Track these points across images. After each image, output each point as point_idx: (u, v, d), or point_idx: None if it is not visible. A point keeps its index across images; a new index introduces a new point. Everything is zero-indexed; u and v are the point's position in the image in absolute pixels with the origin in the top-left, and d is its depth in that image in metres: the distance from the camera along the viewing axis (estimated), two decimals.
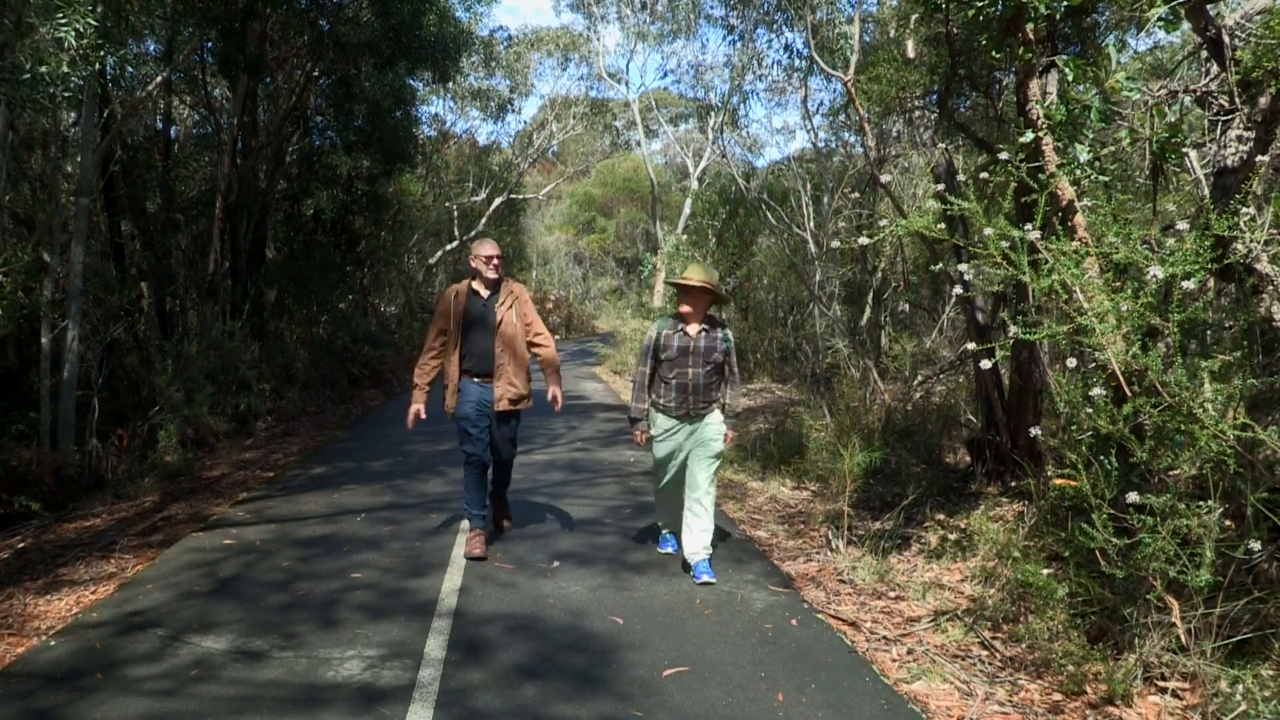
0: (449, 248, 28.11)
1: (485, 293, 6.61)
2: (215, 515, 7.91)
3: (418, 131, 21.15)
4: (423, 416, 6.58)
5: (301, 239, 17.95)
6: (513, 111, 29.96)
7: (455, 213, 29.03)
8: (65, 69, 6.90)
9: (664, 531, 6.79)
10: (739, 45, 23.02)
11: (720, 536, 7.20)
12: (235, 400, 12.39)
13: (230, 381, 12.59)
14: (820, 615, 5.49)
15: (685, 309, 6.02)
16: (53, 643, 5.01)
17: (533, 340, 6.70)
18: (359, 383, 17.66)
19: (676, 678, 4.56)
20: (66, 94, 7.40)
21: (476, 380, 6.54)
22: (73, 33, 6.76)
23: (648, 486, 9.16)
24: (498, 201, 30.38)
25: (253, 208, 15.44)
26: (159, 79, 12.88)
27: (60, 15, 6.73)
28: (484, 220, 29.50)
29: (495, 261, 6.56)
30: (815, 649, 4.96)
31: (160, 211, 14.80)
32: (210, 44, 13.80)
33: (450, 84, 21.82)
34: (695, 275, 5.96)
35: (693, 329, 6.02)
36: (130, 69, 12.56)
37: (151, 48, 14.88)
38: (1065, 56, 5.54)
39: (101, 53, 7.38)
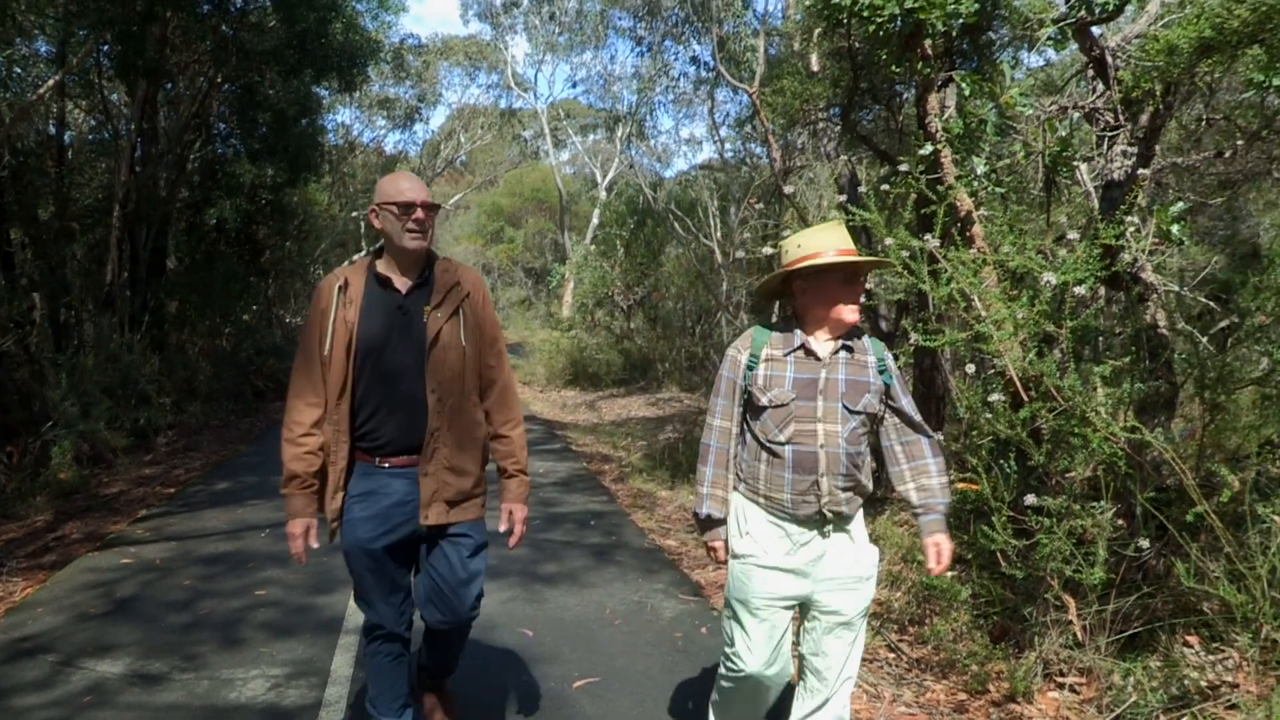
0: (355, 258, 27.70)
1: (403, 284, 3.37)
2: (112, 534, 7.65)
3: (324, 140, 20.88)
4: (314, 544, 3.38)
5: (204, 249, 17.55)
6: (421, 121, 29.87)
7: (362, 223, 28.63)
8: None
9: None
10: (647, 57, 23.15)
11: (629, 546, 7.22)
12: (134, 414, 12.01)
13: (129, 395, 12.20)
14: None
15: (818, 310, 3.13)
16: None
17: (490, 382, 3.53)
18: (264, 395, 17.33)
19: (587, 689, 4.55)
20: None
21: (385, 466, 3.36)
22: None
23: (557, 497, 9.12)
24: None
25: (152, 216, 15.04)
26: (51, 82, 12.45)
27: None
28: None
29: (422, 215, 3.27)
30: None
31: (54, 220, 14.29)
32: (107, 47, 13.40)
33: (357, 93, 21.57)
34: (836, 240, 3.12)
35: (823, 346, 3.14)
36: (19, 70, 12.14)
37: (43, 48, 14.40)
38: (962, 72, 5.71)
39: None
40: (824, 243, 3.09)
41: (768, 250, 5.56)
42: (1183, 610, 4.26)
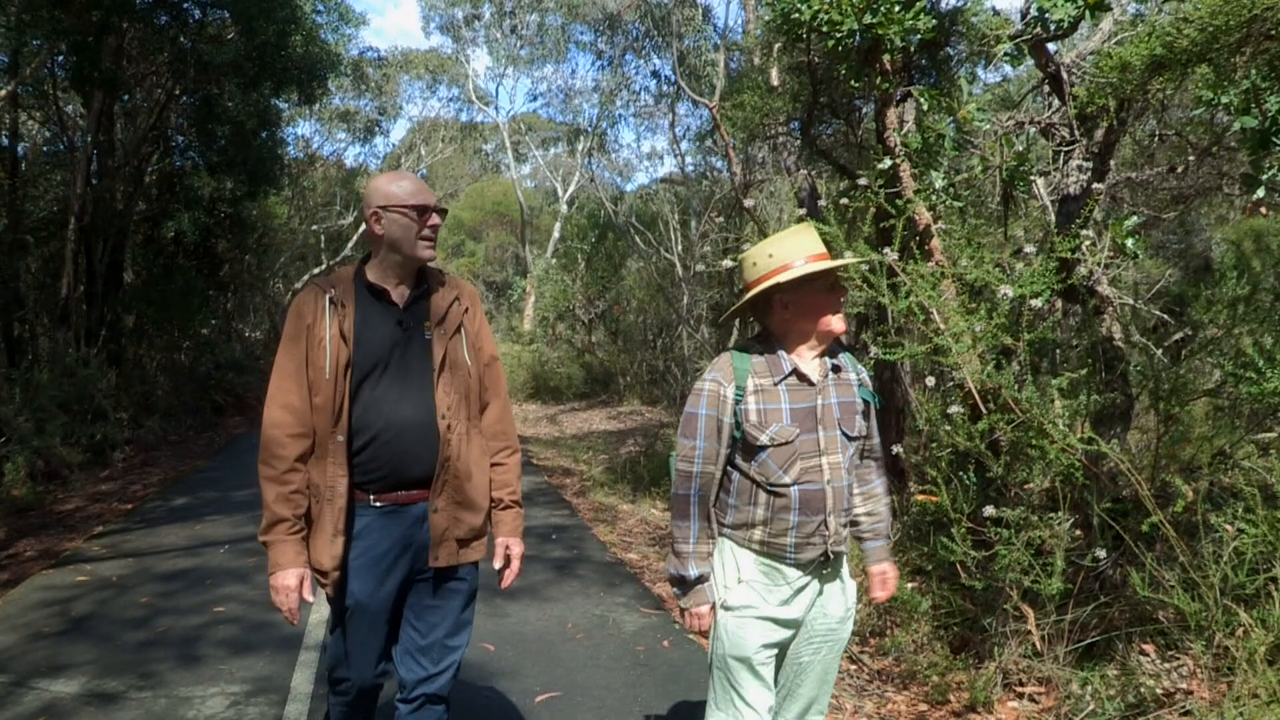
0: (316, 272, 27.55)
1: (400, 296, 2.98)
2: (68, 551, 7.52)
3: (283, 153, 20.76)
4: (309, 598, 2.85)
5: (162, 262, 17.37)
6: (381, 134, 29.67)
7: (322, 236, 28.49)
8: None
9: None
10: (608, 71, 23.24)
11: (591, 559, 7.20)
12: (90, 430, 11.83)
13: (85, 410, 12.03)
14: (692, 636, 5.52)
15: (804, 323, 2.81)
16: None
17: (487, 405, 3.15)
18: (223, 410, 17.18)
19: (549, 704, 4.53)
20: None
21: (378, 504, 2.92)
22: None
23: None
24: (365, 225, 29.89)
25: (109, 229, 14.84)
26: (3, 92, 12.29)
27: None
28: (351, 244, 29.01)
29: (437, 221, 2.94)
30: (688, 670, 4.99)
31: (7, 232, 14.07)
32: (61, 57, 13.25)
33: (317, 105, 21.46)
34: (810, 245, 2.80)
35: (813, 365, 2.83)
36: None
37: None
38: (921, 87, 5.77)
39: None
40: (798, 248, 2.77)
41: (727, 263, 5.58)
42: (1139, 619, 4.30)
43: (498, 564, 3.21)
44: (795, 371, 2.77)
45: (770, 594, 2.80)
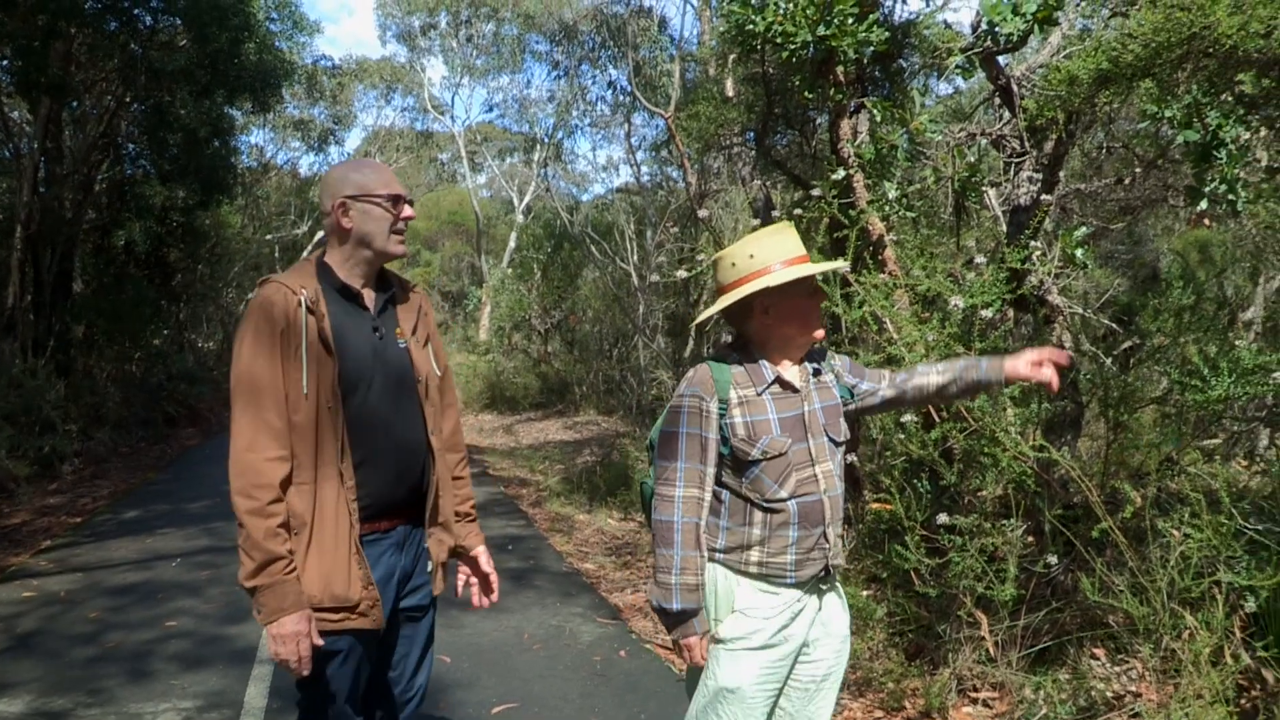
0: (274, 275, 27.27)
1: (370, 300, 2.71)
2: (14, 566, 7.37)
3: (237, 162, 20.52)
4: (319, 642, 2.44)
5: (113, 272, 17.11)
6: (336, 143, 29.41)
7: (277, 246, 28.21)
8: None
9: None
10: (564, 81, 23.25)
11: (547, 570, 7.18)
12: (38, 442, 11.61)
13: (33, 422, 11.80)
14: (649, 646, 5.52)
15: (786, 329, 2.66)
16: None
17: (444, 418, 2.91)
18: (175, 422, 16.93)
19: (505, 714, 4.51)
20: None
21: (372, 534, 2.61)
22: None
23: None
24: (321, 234, 29.67)
25: (57, 238, 14.58)
26: None
27: None
28: (306, 253, 28.75)
29: (411, 213, 2.71)
30: (644, 680, 4.99)
31: None
32: (6, 62, 13.02)
33: (271, 114, 21.26)
34: (792, 246, 2.65)
35: (794, 371, 2.70)
36: None
37: None
38: (874, 98, 5.83)
39: None
40: (779, 250, 2.61)
41: (682, 274, 5.60)
42: (1089, 624, 4.36)
43: (472, 580, 3.07)
44: (778, 379, 2.63)
45: (768, 621, 2.60)
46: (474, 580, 3.05)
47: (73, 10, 11.94)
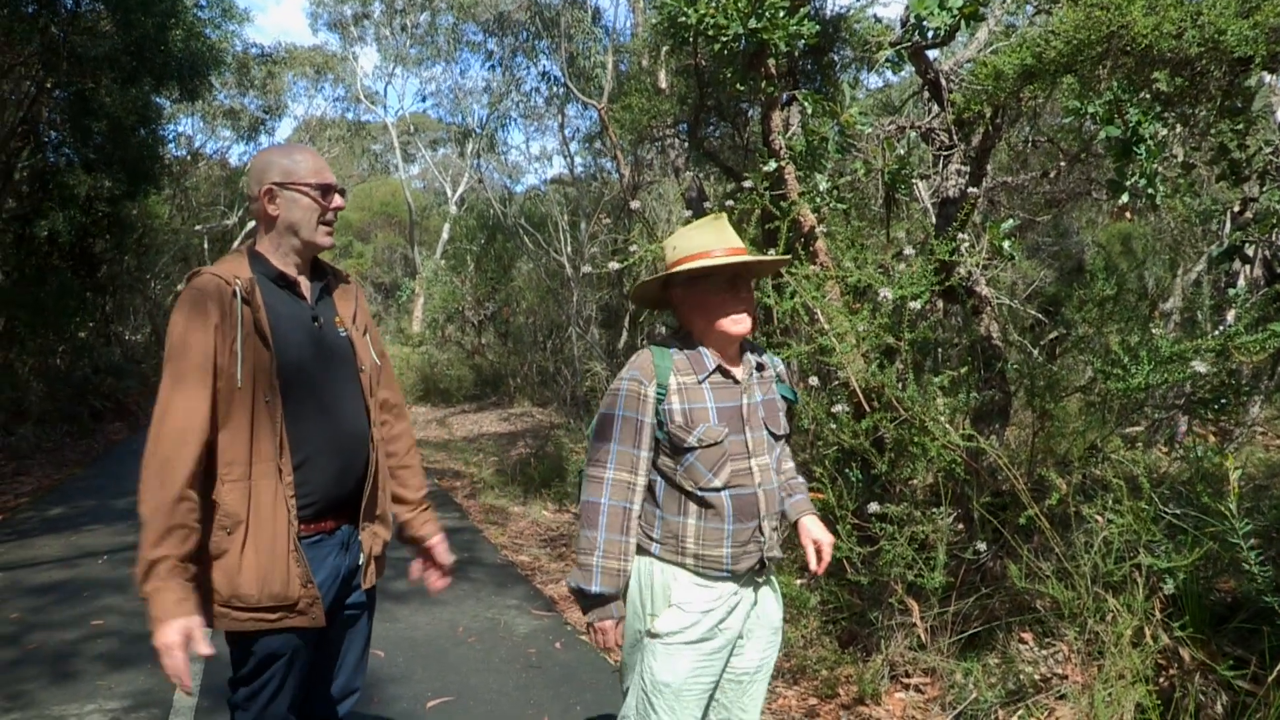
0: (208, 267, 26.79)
1: (307, 289, 2.62)
2: None
3: (164, 151, 20.07)
4: (206, 651, 2.23)
5: (35, 263, 16.63)
6: (267, 132, 28.92)
7: (206, 237, 27.69)
8: None
9: None
10: (499, 72, 23.07)
11: (482, 562, 7.15)
12: None
13: None
14: (583, 638, 5.52)
15: (700, 321, 2.66)
16: None
17: (385, 401, 2.81)
18: (101, 416, 16.51)
19: (441, 708, 4.48)
20: None
21: (304, 538, 2.46)
22: None
23: None
24: (251, 224, 29.20)
25: None
26: None
27: None
28: (236, 244, 28.27)
29: (342, 203, 2.64)
30: (580, 671, 4.99)
31: None
32: None
33: (200, 103, 20.85)
34: (716, 239, 2.63)
35: (736, 365, 2.72)
36: None
37: None
38: (805, 91, 5.87)
39: None
40: (703, 242, 2.60)
41: (614, 265, 5.60)
42: (1018, 609, 4.45)
43: (428, 570, 2.97)
44: (720, 369, 2.63)
45: (705, 615, 2.59)
46: (430, 569, 2.96)
47: None
